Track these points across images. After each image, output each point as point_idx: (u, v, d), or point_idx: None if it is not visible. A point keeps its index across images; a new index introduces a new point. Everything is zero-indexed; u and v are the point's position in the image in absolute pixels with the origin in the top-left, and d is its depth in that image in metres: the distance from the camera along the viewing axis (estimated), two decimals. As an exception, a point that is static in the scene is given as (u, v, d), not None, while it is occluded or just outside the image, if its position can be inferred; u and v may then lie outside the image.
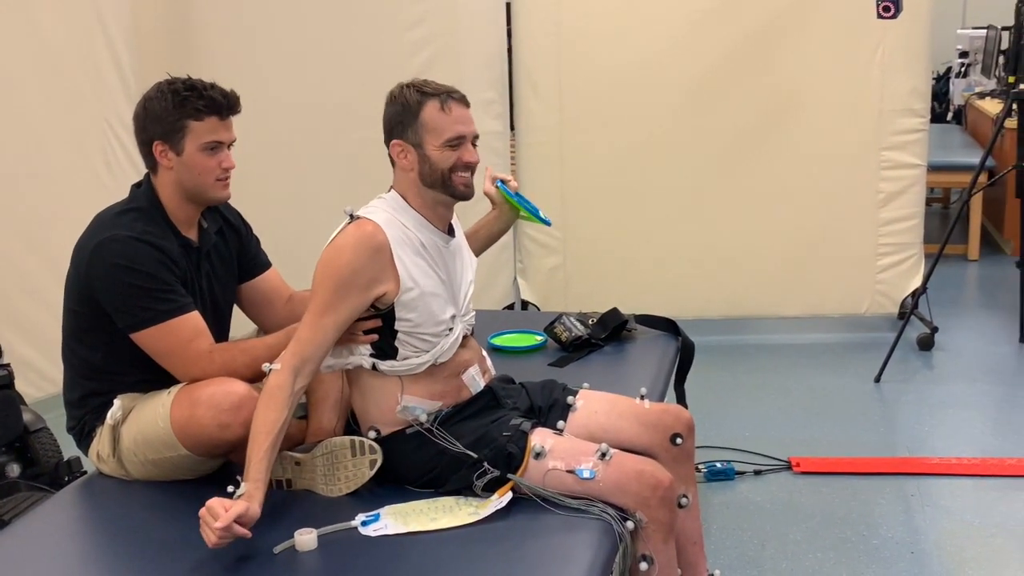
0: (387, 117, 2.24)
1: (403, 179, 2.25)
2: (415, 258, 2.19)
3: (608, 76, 4.73)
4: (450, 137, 2.20)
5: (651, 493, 2.09)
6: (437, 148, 2.19)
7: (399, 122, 2.21)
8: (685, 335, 3.15)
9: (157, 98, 2.27)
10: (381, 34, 4.65)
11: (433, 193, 2.23)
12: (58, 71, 4.09)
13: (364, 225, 2.16)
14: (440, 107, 2.20)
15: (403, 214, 2.22)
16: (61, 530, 2.22)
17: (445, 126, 2.20)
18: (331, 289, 2.12)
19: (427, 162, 2.20)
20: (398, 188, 2.27)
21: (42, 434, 3.22)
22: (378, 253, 2.14)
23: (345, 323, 2.15)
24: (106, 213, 2.32)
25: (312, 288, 2.15)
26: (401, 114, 2.21)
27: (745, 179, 4.75)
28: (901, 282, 4.78)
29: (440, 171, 2.20)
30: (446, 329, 2.24)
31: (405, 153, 2.21)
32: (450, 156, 2.20)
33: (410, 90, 2.21)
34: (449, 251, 2.28)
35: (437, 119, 2.19)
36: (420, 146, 2.20)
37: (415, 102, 2.19)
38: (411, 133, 2.20)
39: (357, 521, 2.04)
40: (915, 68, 4.63)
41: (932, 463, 3.52)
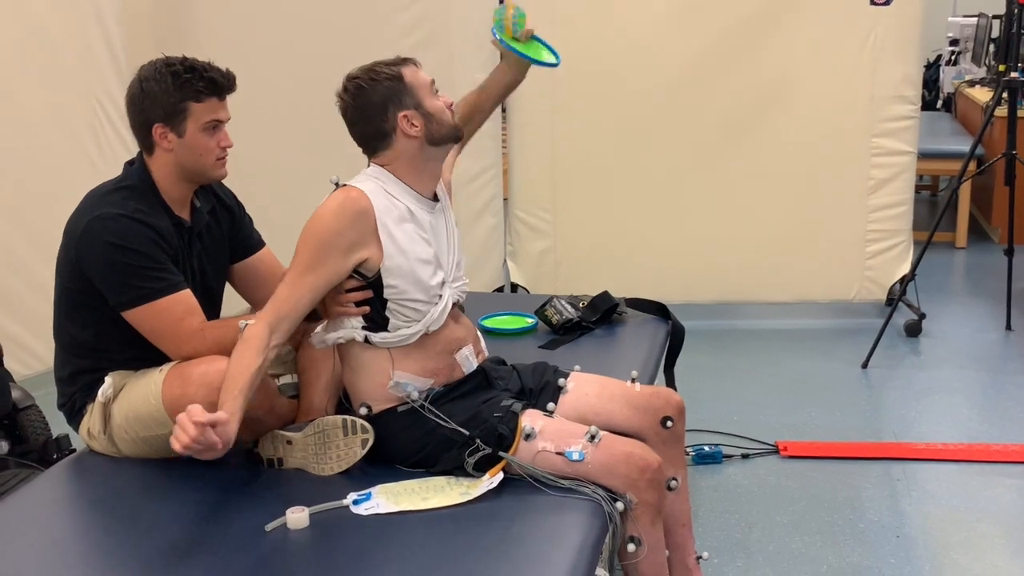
0: (375, 100, 2.21)
1: (404, 150, 2.23)
2: (401, 224, 2.20)
3: (600, 59, 4.72)
4: (431, 88, 2.27)
5: (639, 475, 2.11)
6: (430, 100, 2.24)
7: (393, 95, 2.21)
8: (675, 319, 3.16)
9: (156, 80, 2.25)
10: (373, 15, 4.63)
11: (438, 150, 2.26)
12: (47, 47, 4.06)
13: (349, 191, 2.18)
14: (414, 67, 2.26)
15: (389, 183, 2.23)
16: (51, 507, 2.22)
17: (426, 80, 2.26)
18: (312, 250, 2.14)
19: (431, 118, 2.23)
20: (384, 161, 2.26)
21: (31, 411, 3.21)
22: (361, 217, 2.15)
23: (324, 286, 2.16)
24: (97, 191, 2.31)
25: (295, 250, 2.16)
26: (390, 88, 2.21)
27: (735, 164, 4.76)
28: (890, 269, 4.80)
29: (442, 119, 2.24)
30: (435, 296, 2.24)
31: (412, 121, 2.21)
32: (441, 102, 2.26)
33: (379, 67, 2.24)
34: (435, 217, 2.29)
35: (418, 76, 2.25)
36: (420, 106, 2.22)
37: (395, 74, 2.22)
38: (408, 99, 2.21)
39: (349, 500, 2.04)
40: (907, 55, 4.64)
41: (918, 448, 3.54)
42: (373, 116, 2.22)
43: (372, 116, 2.22)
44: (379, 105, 2.22)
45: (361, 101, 2.22)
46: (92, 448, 2.35)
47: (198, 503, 2.12)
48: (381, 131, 2.23)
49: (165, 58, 2.29)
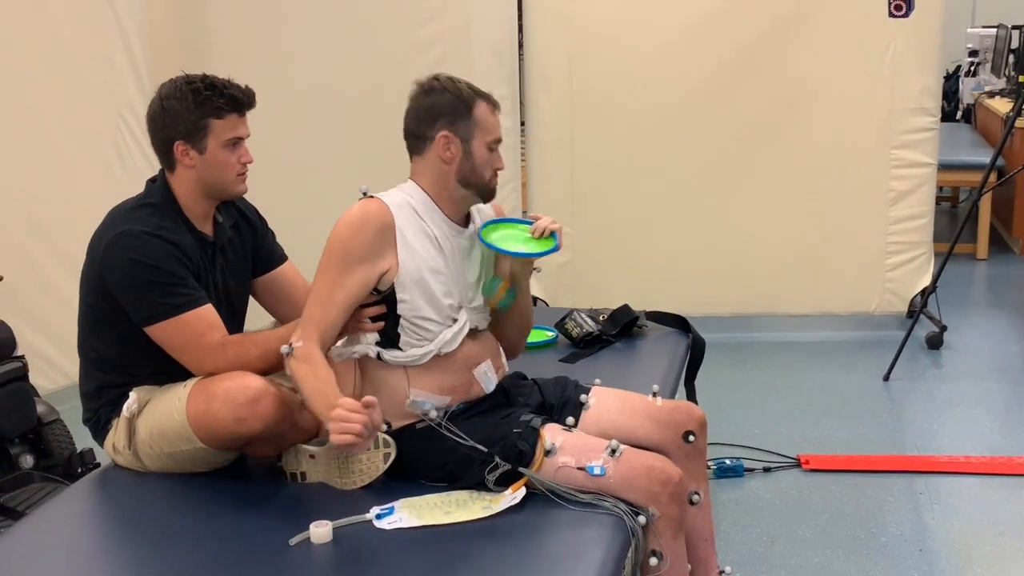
0: (432, 105, 2.21)
1: (433, 169, 2.23)
2: (420, 239, 2.21)
3: (619, 72, 4.74)
4: (495, 139, 2.24)
5: (661, 489, 2.10)
6: (483, 147, 2.22)
7: (450, 112, 2.20)
8: (696, 332, 3.16)
9: (176, 97, 2.27)
10: (394, 29, 4.66)
11: (463, 191, 2.25)
12: (72, 65, 4.10)
13: (370, 203, 2.20)
14: (491, 109, 2.24)
15: (418, 201, 2.24)
16: (77, 521, 2.24)
17: (493, 127, 2.23)
18: (338, 264, 2.15)
19: (471, 159, 2.21)
20: (420, 178, 2.26)
21: (56, 426, 3.24)
22: (381, 230, 2.17)
23: (355, 298, 2.18)
24: (121, 207, 2.33)
25: (319, 265, 2.18)
26: (453, 104, 2.20)
27: (755, 176, 4.75)
28: (910, 280, 4.78)
29: (481, 170, 2.23)
30: (449, 318, 2.24)
31: (450, 144, 2.21)
32: (491, 158, 2.24)
33: (461, 84, 2.22)
34: (460, 241, 2.29)
35: (489, 119, 2.23)
36: (468, 141, 2.21)
37: (468, 97, 2.21)
38: (462, 126, 2.20)
39: (372, 514, 2.05)
40: (926, 67, 4.63)
41: (941, 461, 3.52)
42: (423, 118, 2.22)
43: (422, 117, 2.23)
44: (433, 112, 2.21)
45: (424, 99, 2.23)
46: (117, 463, 2.37)
47: (222, 517, 2.14)
48: (421, 136, 2.23)
49: (185, 76, 2.31)
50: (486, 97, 2.24)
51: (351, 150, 4.73)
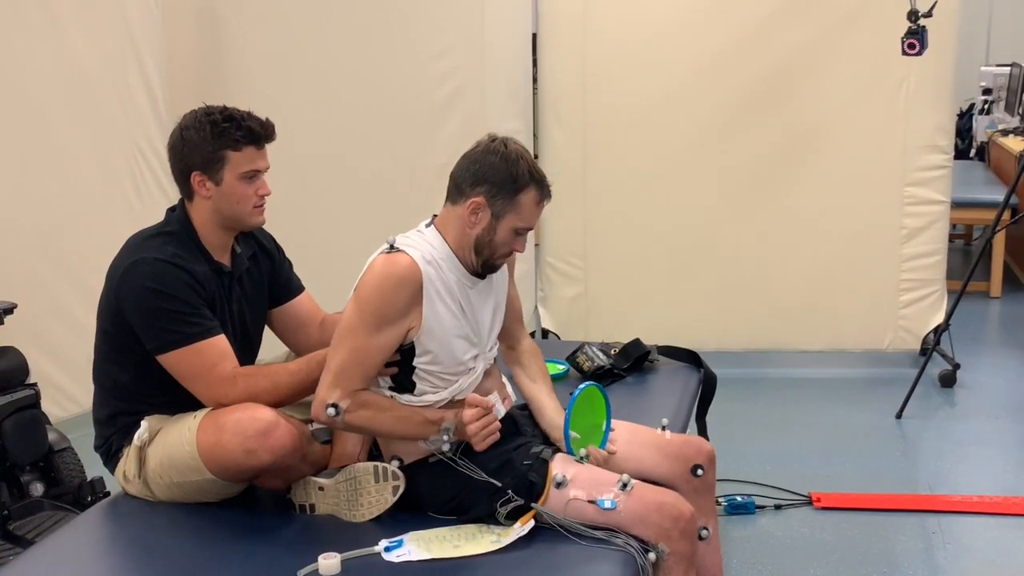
0: (484, 167, 2.18)
1: (458, 224, 2.22)
2: (443, 298, 2.20)
3: (632, 108, 4.76)
4: (526, 227, 2.22)
5: (672, 524, 2.10)
6: (509, 231, 2.20)
7: (497, 185, 2.17)
8: (707, 367, 3.16)
9: (195, 128, 2.30)
10: (409, 63, 4.70)
11: (473, 256, 2.23)
12: (90, 95, 4.15)
13: (401, 259, 2.16)
14: (538, 200, 2.21)
15: (439, 252, 2.22)
16: (86, 550, 2.24)
17: (530, 218, 2.21)
18: (372, 325, 2.14)
19: (492, 234, 2.19)
20: (443, 226, 2.25)
21: (66, 454, 3.25)
22: (413, 291, 2.15)
23: (388, 353, 2.18)
24: (139, 235, 2.35)
25: (350, 318, 2.16)
26: (502, 177, 2.17)
27: (768, 212, 4.76)
28: (923, 318, 4.77)
29: (496, 251, 2.22)
30: (467, 368, 2.26)
31: (478, 212, 2.18)
32: (512, 242, 2.23)
33: (522, 163, 2.18)
34: (476, 291, 2.28)
35: (530, 209, 2.20)
36: (499, 218, 2.19)
37: (523, 179, 2.17)
38: (499, 202, 2.18)
39: (380, 546, 2.05)
40: (940, 104, 4.64)
41: (954, 501, 3.49)
42: (471, 172, 2.19)
43: (470, 172, 2.19)
44: (482, 174, 2.18)
45: (483, 156, 2.20)
46: (127, 491, 2.37)
47: (231, 548, 2.14)
48: (460, 189, 2.22)
49: (206, 107, 2.33)
50: (540, 187, 2.21)
51: (366, 182, 4.76)
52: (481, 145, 2.23)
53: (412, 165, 4.72)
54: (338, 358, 2.17)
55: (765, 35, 4.63)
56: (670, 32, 4.71)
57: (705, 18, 4.68)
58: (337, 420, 2.15)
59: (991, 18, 9.00)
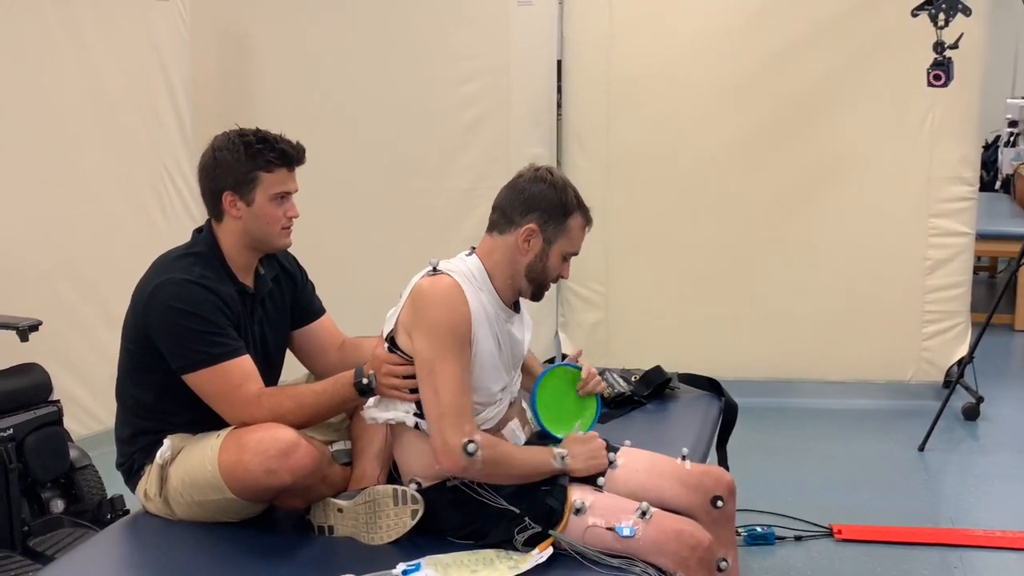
0: (535, 194, 2.21)
1: (507, 253, 2.24)
2: (483, 327, 2.21)
3: (655, 135, 4.77)
4: (573, 252, 2.27)
5: (690, 553, 2.09)
6: (559, 256, 2.25)
7: (548, 211, 2.21)
8: (728, 396, 3.14)
9: (228, 149, 2.32)
10: (434, 88, 4.73)
11: (524, 284, 2.26)
12: (117, 116, 4.19)
13: (446, 280, 2.17)
14: (584, 224, 2.27)
15: (480, 284, 2.23)
16: (105, 567, 2.24)
17: (578, 243, 2.27)
18: (455, 348, 2.13)
19: (545, 260, 2.24)
20: (486, 255, 2.26)
21: (87, 471, 3.26)
22: (467, 308, 2.17)
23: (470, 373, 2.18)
24: (166, 256, 2.37)
25: (432, 352, 2.13)
26: (555, 205, 2.21)
27: (791, 241, 4.75)
28: (947, 350, 4.74)
29: (548, 276, 2.26)
30: (495, 400, 2.26)
31: (530, 240, 2.22)
32: (561, 268, 2.27)
33: (570, 190, 2.24)
34: (512, 325, 2.30)
35: (577, 233, 2.26)
36: (550, 243, 2.23)
37: (571, 205, 2.23)
38: (551, 229, 2.22)
39: (398, 570, 2.04)
40: (965, 136, 4.63)
41: (976, 535, 3.46)
42: (520, 202, 2.22)
43: (520, 201, 2.23)
44: (533, 202, 2.22)
45: (530, 185, 2.23)
46: (147, 509, 2.38)
47: (249, 569, 2.14)
48: (509, 218, 2.24)
49: (239, 129, 2.36)
50: (585, 213, 2.27)
51: (390, 206, 4.79)
52: (526, 175, 2.26)
53: (435, 189, 4.75)
54: (443, 398, 2.12)
55: (789, 64, 4.64)
56: (694, 60, 4.73)
57: (729, 46, 4.69)
58: (477, 458, 2.11)
59: (1017, 50, 9.00)
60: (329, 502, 2.27)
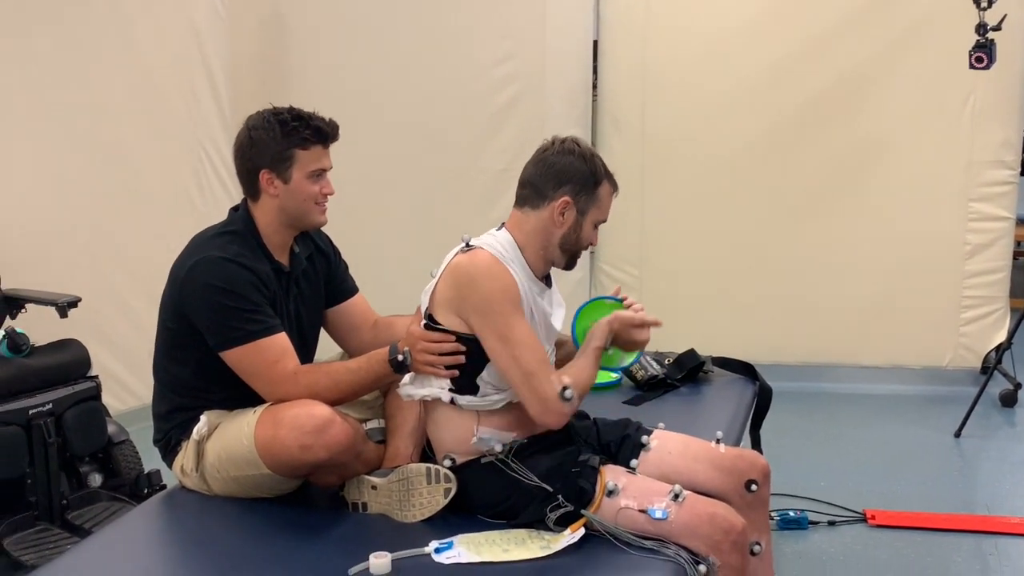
0: (565, 167, 2.22)
1: (541, 226, 2.24)
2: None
3: (692, 117, 4.74)
4: (603, 220, 2.29)
5: (723, 537, 2.08)
6: (591, 224, 2.26)
7: (581, 183, 2.22)
8: (763, 379, 3.13)
9: (264, 128, 2.33)
10: (469, 69, 4.73)
11: (558, 254, 2.27)
12: (157, 96, 4.24)
13: (481, 254, 2.19)
14: (612, 191, 2.28)
15: (511, 255, 2.23)
16: (142, 541, 2.28)
17: (607, 210, 2.29)
18: (515, 311, 2.16)
19: (578, 231, 2.25)
20: (517, 229, 2.27)
21: (124, 446, 3.31)
22: (512, 278, 2.18)
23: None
24: (203, 235, 2.39)
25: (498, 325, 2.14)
26: (587, 177, 2.23)
27: (828, 224, 4.71)
28: (985, 336, 4.69)
29: (582, 245, 2.27)
30: None
31: (565, 210, 2.22)
32: (592, 235, 2.29)
33: (598, 159, 2.26)
34: (543, 299, 2.30)
35: (607, 201, 2.28)
36: (583, 214, 2.24)
37: (600, 174, 2.25)
38: (584, 199, 2.23)
39: (431, 547, 2.06)
40: (1007, 119, 4.58)
41: (1012, 522, 3.43)
42: (552, 176, 2.23)
43: (552, 175, 2.23)
44: (566, 174, 2.22)
45: (559, 158, 2.24)
46: (184, 485, 2.40)
47: (284, 544, 2.15)
48: (541, 193, 2.24)
49: (273, 108, 2.37)
50: (612, 180, 2.28)
51: (424, 186, 4.80)
52: (553, 147, 2.26)
53: (471, 170, 4.76)
54: (524, 359, 2.14)
55: (828, 47, 4.60)
56: (732, 42, 4.69)
57: (768, 28, 4.65)
58: (574, 400, 2.15)
59: (1061, 32, 8.82)
60: (363, 479, 2.28)
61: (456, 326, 2.19)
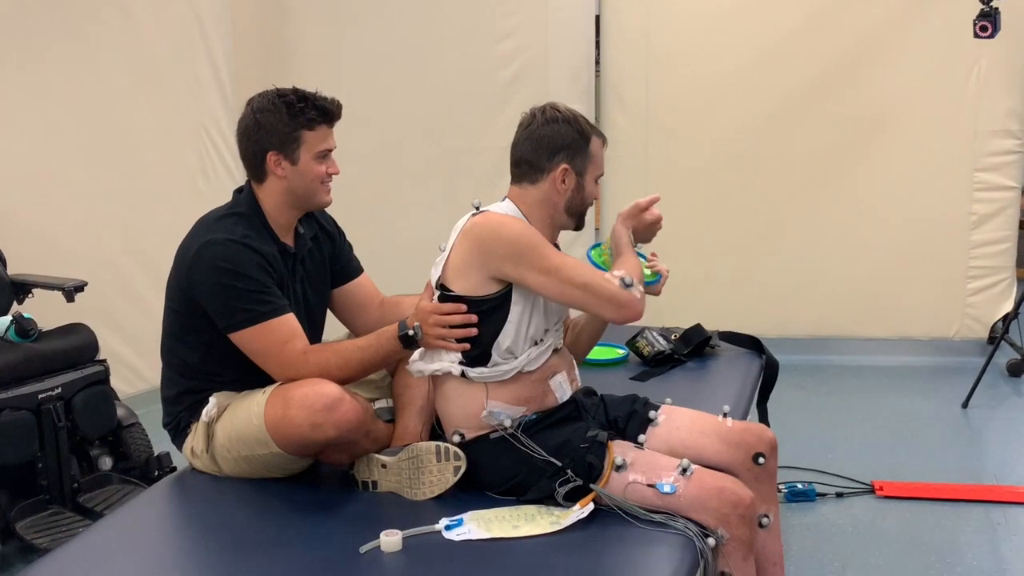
0: (553, 136, 2.24)
1: (543, 197, 2.26)
2: None
3: (696, 91, 4.73)
4: (601, 174, 2.31)
5: (731, 510, 2.09)
6: (592, 181, 2.29)
7: (573, 146, 2.25)
8: (769, 353, 3.13)
9: (270, 110, 2.33)
10: (473, 45, 4.72)
11: (565, 219, 2.30)
12: (159, 78, 4.23)
13: (506, 213, 2.23)
14: (602, 144, 2.30)
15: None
16: (153, 523, 2.29)
17: (601, 162, 2.31)
18: (547, 247, 2.19)
19: (581, 192, 2.28)
20: (520, 202, 2.28)
21: (134, 429, 3.33)
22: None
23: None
24: (208, 217, 2.39)
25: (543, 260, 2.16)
26: (577, 139, 2.25)
27: (833, 196, 4.70)
28: (992, 306, 4.69)
29: (587, 204, 2.30)
30: (538, 339, 2.26)
31: (565, 177, 2.25)
32: (595, 191, 2.31)
33: (581, 119, 2.27)
34: None
35: (599, 154, 2.30)
36: (582, 175, 2.27)
37: (588, 131, 2.26)
38: (579, 161, 2.26)
39: (441, 525, 2.07)
40: (1012, 88, 4.56)
41: (1020, 492, 3.44)
42: (543, 148, 2.25)
43: (543, 148, 2.25)
44: (555, 143, 2.24)
45: (544, 129, 2.25)
46: (194, 466, 2.42)
47: (295, 523, 2.17)
48: (538, 166, 2.26)
49: (276, 89, 2.37)
50: (599, 132, 2.30)
51: (429, 164, 4.79)
52: (535, 120, 2.28)
53: (475, 147, 4.75)
54: (575, 275, 2.17)
55: (832, 19, 4.58)
56: (735, 16, 4.67)
57: (772, 2, 4.63)
58: (636, 287, 2.20)
59: (1067, -1, 8.77)
60: (373, 458, 2.29)
61: (477, 289, 2.20)
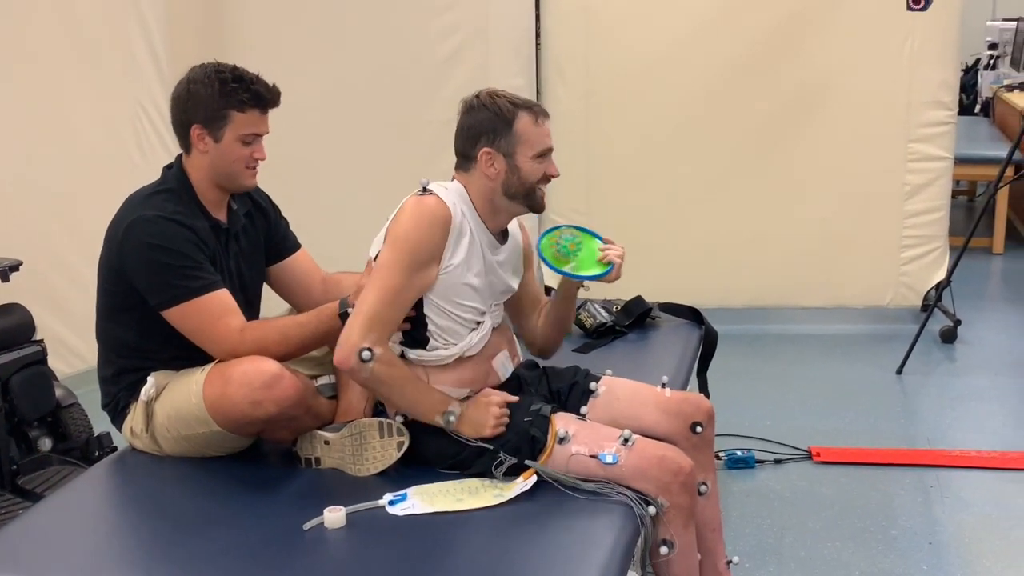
0: (472, 123, 2.24)
1: (479, 184, 2.25)
2: (466, 248, 2.22)
3: (636, 63, 4.74)
4: (541, 150, 2.25)
5: (672, 479, 2.13)
6: (528, 160, 2.23)
7: (490, 130, 2.22)
8: (708, 324, 3.18)
9: (203, 83, 2.30)
10: (411, 19, 4.68)
11: (509, 203, 2.27)
12: (93, 54, 4.14)
13: (432, 199, 2.19)
14: (534, 120, 2.24)
15: (467, 208, 2.25)
16: (94, 504, 2.27)
17: (537, 139, 2.24)
18: (407, 264, 2.15)
19: (516, 173, 2.23)
20: (464, 181, 2.28)
21: (73, 409, 3.28)
22: (445, 231, 2.18)
23: (417, 296, 2.19)
24: (138, 194, 2.36)
25: (384, 260, 2.16)
26: (493, 122, 2.22)
27: (770, 168, 4.75)
28: (925, 274, 4.78)
29: (529, 183, 2.25)
30: (474, 323, 2.27)
31: (492, 161, 2.23)
32: (539, 169, 2.26)
33: (500, 99, 2.24)
34: (495, 255, 2.31)
35: (531, 131, 2.23)
36: (511, 156, 2.23)
37: (508, 111, 2.22)
38: (503, 142, 2.22)
39: (385, 500, 2.08)
40: (945, 60, 4.62)
41: (952, 455, 3.52)
42: (466, 137, 2.25)
43: (466, 136, 2.25)
44: (474, 130, 2.24)
45: (465, 119, 2.26)
46: (134, 446, 2.40)
47: (238, 501, 2.17)
48: (466, 155, 2.26)
49: (217, 64, 2.33)
50: (529, 108, 2.25)
51: (369, 140, 4.75)
52: (460, 113, 2.28)
53: (416, 122, 4.72)
54: (371, 300, 2.14)
55: (768, -9, 4.60)
56: (673, -12, 4.68)
57: (708, -27, 4.64)
58: (367, 367, 2.11)
59: (998, -28, 8.92)
60: (316, 434, 2.29)
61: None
